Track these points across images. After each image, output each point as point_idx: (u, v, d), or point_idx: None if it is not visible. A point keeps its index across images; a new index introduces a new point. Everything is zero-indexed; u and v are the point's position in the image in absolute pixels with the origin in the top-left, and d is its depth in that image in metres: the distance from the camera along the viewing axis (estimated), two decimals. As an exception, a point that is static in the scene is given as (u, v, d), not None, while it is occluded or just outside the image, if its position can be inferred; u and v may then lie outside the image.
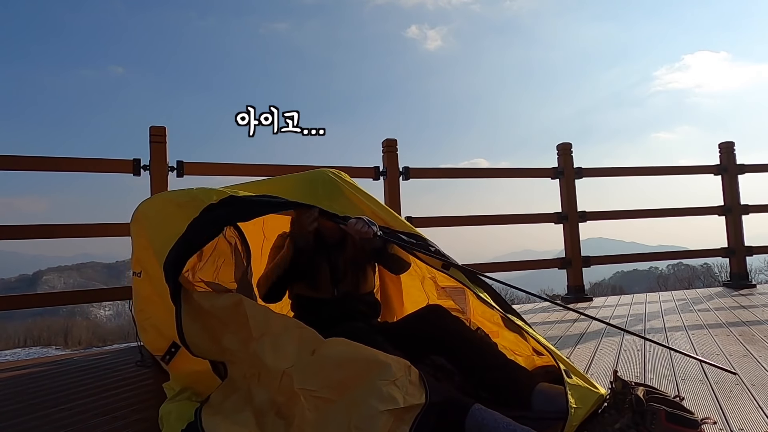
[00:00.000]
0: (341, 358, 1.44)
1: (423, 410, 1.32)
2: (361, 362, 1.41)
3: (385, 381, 1.35)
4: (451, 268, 1.88)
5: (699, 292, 4.90)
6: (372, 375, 1.37)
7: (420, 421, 1.31)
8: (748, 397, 1.75)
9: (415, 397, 1.34)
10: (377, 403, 1.30)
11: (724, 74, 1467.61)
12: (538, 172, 4.99)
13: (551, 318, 3.74)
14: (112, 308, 55.20)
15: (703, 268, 11.67)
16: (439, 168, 5.33)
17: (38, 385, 2.34)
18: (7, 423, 1.81)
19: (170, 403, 1.68)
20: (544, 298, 2.78)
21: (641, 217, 5.30)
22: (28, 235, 3.39)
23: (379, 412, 1.29)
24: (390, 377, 1.36)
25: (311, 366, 1.44)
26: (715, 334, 2.85)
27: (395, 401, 1.31)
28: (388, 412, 1.29)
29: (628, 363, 2.30)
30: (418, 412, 1.32)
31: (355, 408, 1.32)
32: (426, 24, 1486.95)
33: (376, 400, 1.31)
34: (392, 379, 1.36)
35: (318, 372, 1.43)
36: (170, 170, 3.48)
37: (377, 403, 1.30)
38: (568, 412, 1.39)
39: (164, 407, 1.66)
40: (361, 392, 1.35)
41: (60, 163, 3.44)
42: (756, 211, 5.26)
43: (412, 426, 1.30)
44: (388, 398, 1.31)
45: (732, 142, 5.27)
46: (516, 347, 2.00)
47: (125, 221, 3.46)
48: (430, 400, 1.35)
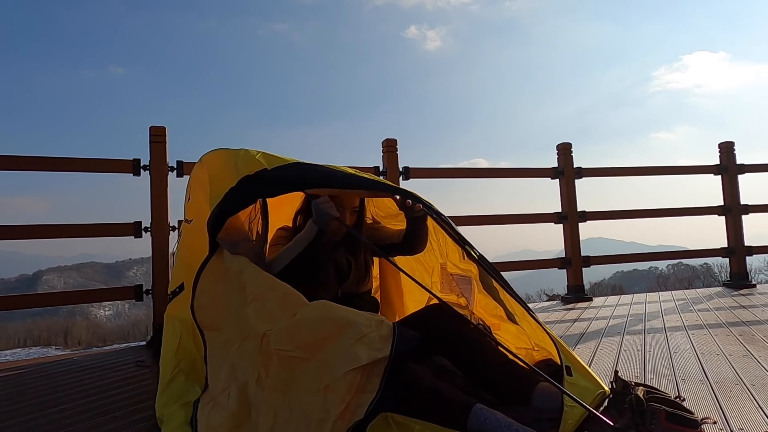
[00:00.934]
0: (317, 318, 1.47)
1: (388, 361, 1.34)
2: (333, 322, 1.44)
3: (351, 340, 1.38)
4: (467, 245, 1.91)
5: (699, 292, 4.90)
6: (341, 334, 1.40)
7: (389, 371, 1.33)
8: (748, 397, 1.75)
9: (382, 351, 1.36)
10: (341, 363, 1.35)
11: (723, 74, 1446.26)
12: (538, 172, 4.99)
13: (551, 318, 3.74)
14: (112, 308, 55.18)
15: (703, 268, 11.67)
16: (439, 168, 5.34)
17: (38, 385, 2.34)
18: (7, 423, 1.81)
19: (166, 399, 1.68)
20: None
21: (641, 217, 5.30)
22: (28, 235, 3.39)
23: (342, 373, 1.33)
24: (357, 335, 1.38)
25: (289, 327, 1.48)
26: (715, 334, 2.86)
27: (358, 359, 1.34)
28: (353, 371, 1.33)
29: (628, 363, 2.30)
30: (385, 363, 1.34)
31: (325, 367, 1.36)
32: (425, 24, 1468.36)
33: (341, 360, 1.35)
34: (359, 336, 1.38)
35: (294, 333, 1.46)
36: (170, 170, 3.49)
37: (341, 363, 1.35)
38: (563, 410, 1.41)
39: (160, 407, 1.66)
40: (330, 352, 1.38)
41: (60, 163, 3.44)
42: (756, 211, 5.27)
43: (382, 377, 1.33)
44: (351, 357, 1.35)
45: (732, 142, 5.28)
46: (517, 340, 2.01)
47: (125, 221, 3.49)
48: (396, 350, 1.36)
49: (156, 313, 3.40)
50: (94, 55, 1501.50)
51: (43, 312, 16.44)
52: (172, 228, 3.46)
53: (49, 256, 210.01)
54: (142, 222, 3.42)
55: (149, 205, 3.42)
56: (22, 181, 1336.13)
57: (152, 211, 3.42)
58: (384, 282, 2.46)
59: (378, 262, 2.39)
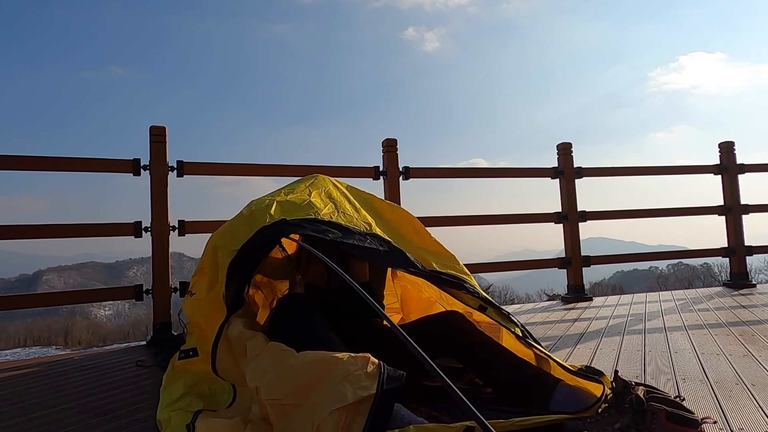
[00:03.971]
0: (304, 364, 1.47)
1: (375, 399, 1.33)
2: (319, 364, 1.44)
3: (338, 379, 1.38)
4: (488, 309, 1.86)
5: (699, 292, 4.90)
6: (328, 375, 1.40)
7: (375, 410, 1.32)
8: (748, 396, 1.75)
9: (367, 389, 1.35)
10: (328, 403, 1.34)
11: (720, 75, 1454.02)
12: (538, 172, 4.99)
13: (551, 318, 3.74)
14: (112, 308, 55.08)
15: (703, 267, 11.68)
16: (439, 168, 5.34)
17: (38, 385, 2.34)
18: (7, 423, 1.81)
19: (169, 409, 1.71)
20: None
21: (641, 217, 5.30)
22: (28, 235, 3.38)
23: (329, 413, 1.32)
24: (343, 374, 1.38)
25: (278, 377, 1.49)
26: (715, 334, 2.86)
27: (344, 398, 1.33)
28: (338, 410, 1.32)
29: (628, 363, 2.30)
30: (372, 402, 1.33)
31: (315, 409, 1.36)
32: (423, 26, 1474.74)
33: (328, 400, 1.35)
34: (345, 375, 1.38)
35: (284, 382, 1.46)
36: (170, 170, 3.49)
37: (328, 403, 1.34)
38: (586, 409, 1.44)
39: (162, 413, 1.69)
40: (320, 394, 1.38)
41: (60, 162, 3.44)
42: (756, 211, 5.26)
43: (368, 416, 1.32)
44: (338, 397, 1.34)
45: (732, 141, 5.28)
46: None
47: (125, 221, 3.49)
48: (384, 389, 1.35)
49: (156, 312, 3.40)
50: (94, 56, 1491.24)
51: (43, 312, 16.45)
52: (172, 228, 3.46)
53: (49, 256, 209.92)
54: (142, 222, 3.42)
55: (149, 205, 3.42)
56: (21, 180, 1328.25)
57: (152, 211, 3.42)
58: (401, 283, 2.54)
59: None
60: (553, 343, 2.83)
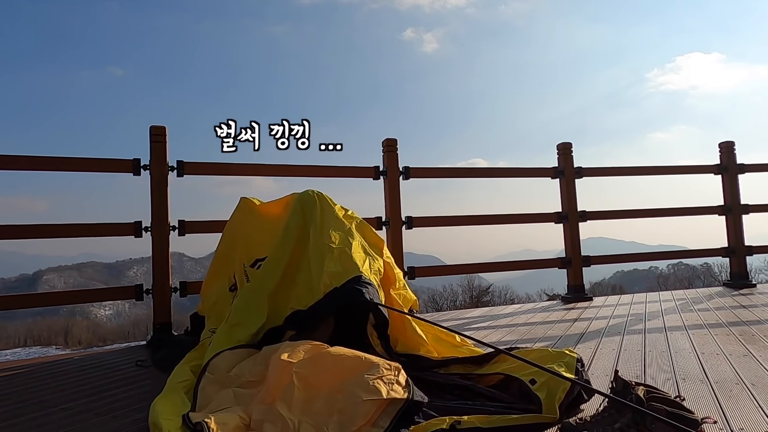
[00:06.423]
0: (342, 353, 1.59)
1: (405, 404, 1.42)
2: (353, 359, 1.56)
3: (372, 376, 1.47)
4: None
5: (699, 292, 4.90)
6: (361, 370, 1.50)
7: (402, 414, 1.40)
8: (748, 396, 1.75)
9: (399, 393, 1.45)
10: (362, 392, 1.42)
11: (718, 75, 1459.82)
12: (539, 172, 4.98)
13: (551, 318, 3.74)
14: (112, 308, 54.99)
15: (703, 267, 11.68)
16: (440, 168, 5.34)
17: (38, 385, 2.34)
18: (7, 423, 1.81)
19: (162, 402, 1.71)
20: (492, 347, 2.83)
21: (641, 216, 5.30)
22: (28, 235, 3.39)
23: (362, 401, 1.40)
24: (378, 374, 1.48)
25: (312, 358, 1.60)
26: (715, 334, 2.85)
27: (379, 393, 1.42)
28: (371, 402, 1.40)
29: (628, 363, 2.30)
30: (401, 405, 1.42)
31: (341, 394, 1.45)
32: (422, 27, 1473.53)
33: (361, 389, 1.43)
34: (380, 375, 1.48)
35: (317, 362, 1.58)
36: (170, 170, 3.48)
37: (362, 392, 1.42)
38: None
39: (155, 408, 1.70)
40: (349, 383, 1.47)
41: (60, 163, 3.44)
42: (756, 211, 5.26)
43: (395, 417, 1.40)
44: (373, 390, 1.43)
45: (732, 141, 5.27)
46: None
47: (125, 221, 3.49)
48: (413, 397, 1.44)
49: (156, 312, 3.40)
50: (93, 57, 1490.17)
51: (44, 312, 16.45)
52: (173, 228, 3.46)
53: (49, 256, 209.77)
54: (142, 222, 3.42)
55: (149, 205, 3.42)
56: (22, 181, 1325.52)
57: (152, 210, 3.42)
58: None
59: None
60: (553, 343, 2.83)
